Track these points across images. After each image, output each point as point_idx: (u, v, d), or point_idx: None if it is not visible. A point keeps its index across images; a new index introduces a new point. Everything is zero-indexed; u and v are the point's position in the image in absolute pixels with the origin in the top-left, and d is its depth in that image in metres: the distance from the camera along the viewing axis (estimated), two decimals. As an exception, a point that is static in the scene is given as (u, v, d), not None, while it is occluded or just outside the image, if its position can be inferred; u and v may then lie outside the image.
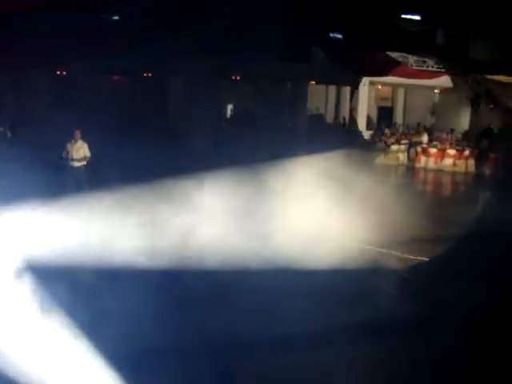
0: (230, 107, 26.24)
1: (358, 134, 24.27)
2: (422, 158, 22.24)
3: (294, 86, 25.36)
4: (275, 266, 6.97)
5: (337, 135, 20.66)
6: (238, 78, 22.96)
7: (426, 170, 21.69)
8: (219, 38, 16.61)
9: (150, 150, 14.78)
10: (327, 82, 25.25)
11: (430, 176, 21.05)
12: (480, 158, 21.76)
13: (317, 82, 25.05)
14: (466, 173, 21.15)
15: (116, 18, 14.90)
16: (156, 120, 21.08)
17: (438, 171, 21.36)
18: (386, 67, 22.44)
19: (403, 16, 21.45)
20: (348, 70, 22.18)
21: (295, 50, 20.68)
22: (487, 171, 20.73)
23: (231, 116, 26.36)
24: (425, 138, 23.61)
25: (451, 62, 22.66)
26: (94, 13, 13.29)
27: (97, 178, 11.62)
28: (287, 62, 20.90)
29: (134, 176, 9.93)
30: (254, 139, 17.23)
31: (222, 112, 25.28)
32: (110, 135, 14.64)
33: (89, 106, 18.93)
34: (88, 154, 12.19)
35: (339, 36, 21.96)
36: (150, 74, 21.14)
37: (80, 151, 12.09)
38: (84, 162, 12.21)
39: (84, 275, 6.78)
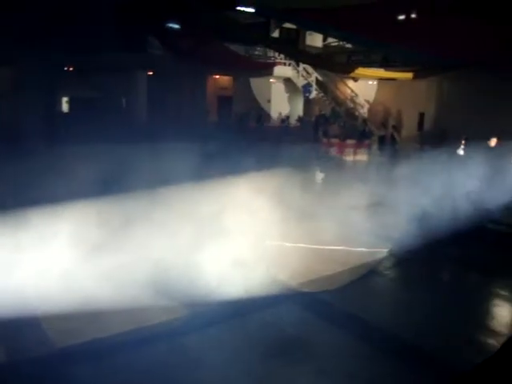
0: (65, 100, 24.56)
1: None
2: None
3: (130, 77, 24.52)
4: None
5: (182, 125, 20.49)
6: (72, 69, 21.56)
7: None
8: (48, 27, 15.36)
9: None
10: (165, 74, 24.79)
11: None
12: (315, 141, 23.35)
13: (154, 74, 24.50)
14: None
15: None
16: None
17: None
18: (225, 58, 22.71)
19: (238, 8, 21.88)
20: (186, 60, 21.96)
21: (129, 40, 19.97)
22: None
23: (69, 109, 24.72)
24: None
25: (284, 53, 23.68)
26: None
27: None
28: (121, 52, 20.04)
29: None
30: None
31: (56, 105, 23.46)
32: None
33: None
34: None
35: (175, 26, 21.69)
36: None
37: None
38: None
39: None
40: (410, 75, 20.94)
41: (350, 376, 5.01)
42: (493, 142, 11.43)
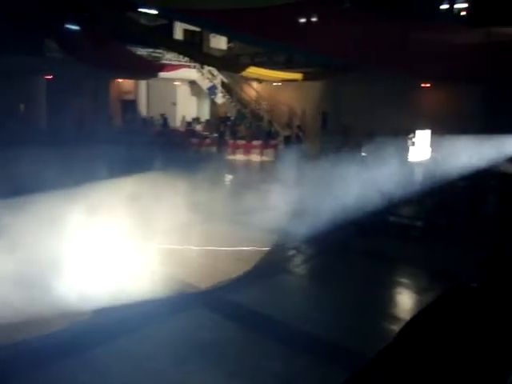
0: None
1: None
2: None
3: (27, 81, 23.25)
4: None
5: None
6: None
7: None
8: None
9: None
10: (65, 78, 23.74)
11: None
12: (220, 143, 23.51)
13: (53, 78, 23.39)
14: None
15: None
16: None
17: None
18: (125, 61, 22.16)
19: (140, 10, 21.49)
20: (86, 63, 21.17)
21: (24, 42, 18.99)
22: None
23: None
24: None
25: (188, 56, 23.50)
26: None
27: None
28: (16, 55, 18.98)
29: None
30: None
31: None
32: None
33: None
34: None
35: (74, 28, 20.90)
36: None
37: None
38: None
39: None
40: (299, 76, 21.21)
41: (262, 375, 5.03)
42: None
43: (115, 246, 7.19)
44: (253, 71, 20.30)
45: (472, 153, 8.75)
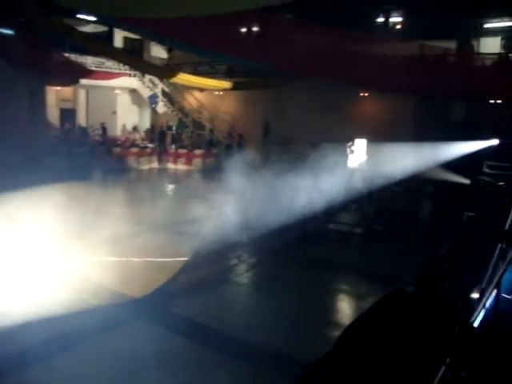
0: None
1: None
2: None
3: None
4: None
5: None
6: None
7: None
8: None
9: None
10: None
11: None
12: (161, 152, 23.30)
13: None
14: (150, 169, 22.26)
15: None
16: None
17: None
18: (61, 68, 21.49)
19: (78, 16, 20.94)
20: (20, 69, 20.40)
21: None
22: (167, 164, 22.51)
23: None
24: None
25: (128, 64, 23.09)
26: None
27: None
28: None
29: None
30: None
31: None
32: None
33: None
34: None
35: (8, 32, 20.10)
36: None
37: None
38: None
39: None
40: (228, 85, 21.07)
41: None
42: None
43: (43, 260, 6.93)
44: (182, 77, 20.03)
45: (405, 160, 9.06)
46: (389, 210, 11.94)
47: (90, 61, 23.58)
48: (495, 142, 8.17)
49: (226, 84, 20.67)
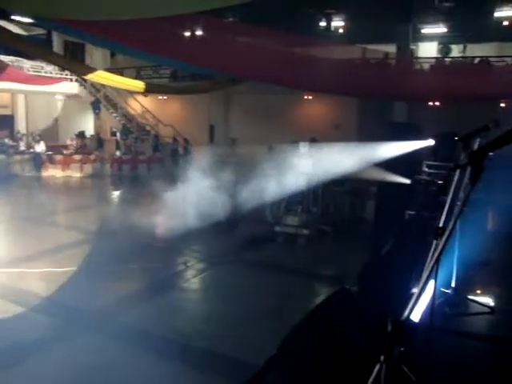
0: None
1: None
2: (49, 167, 21.68)
3: None
4: None
5: None
6: None
7: (54, 178, 21.09)
8: None
9: None
10: None
11: (54, 184, 20.51)
12: (104, 158, 22.84)
13: None
14: (93, 175, 21.70)
15: None
16: None
17: (67, 177, 21.14)
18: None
19: (14, 17, 20.16)
20: None
21: None
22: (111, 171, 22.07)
23: None
24: (41, 146, 22.80)
25: (67, 68, 22.42)
26: None
27: None
28: None
29: None
30: None
31: None
32: None
33: None
34: None
35: None
36: None
37: None
38: None
39: None
40: (140, 86, 20.50)
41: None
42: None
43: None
44: (101, 75, 19.42)
45: (349, 160, 9.21)
46: (335, 210, 12.10)
47: (27, 65, 22.79)
48: (431, 142, 8.43)
49: (139, 85, 19.86)
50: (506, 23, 20.01)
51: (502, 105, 18.06)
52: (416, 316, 4.51)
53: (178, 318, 6.82)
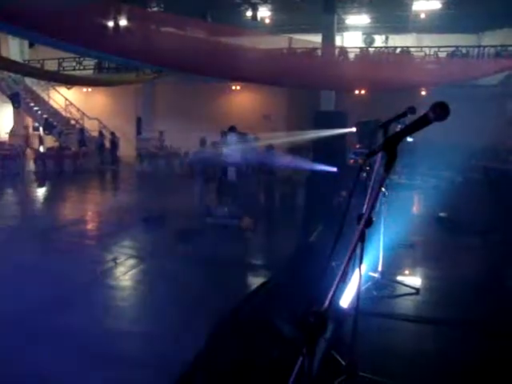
0: None
1: None
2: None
3: None
4: None
5: None
6: None
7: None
8: None
9: None
10: None
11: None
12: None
13: None
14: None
15: None
16: None
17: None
18: None
19: None
20: None
21: None
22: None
23: None
24: None
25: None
26: None
27: None
28: None
29: None
30: None
31: None
32: None
33: None
34: None
35: None
36: None
37: None
38: None
39: None
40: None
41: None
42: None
43: None
44: None
45: (277, 149, 9.25)
46: (265, 199, 12.11)
47: None
48: (353, 129, 8.62)
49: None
50: (422, 16, 20.91)
51: (423, 93, 18.79)
52: (345, 302, 4.58)
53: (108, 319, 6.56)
